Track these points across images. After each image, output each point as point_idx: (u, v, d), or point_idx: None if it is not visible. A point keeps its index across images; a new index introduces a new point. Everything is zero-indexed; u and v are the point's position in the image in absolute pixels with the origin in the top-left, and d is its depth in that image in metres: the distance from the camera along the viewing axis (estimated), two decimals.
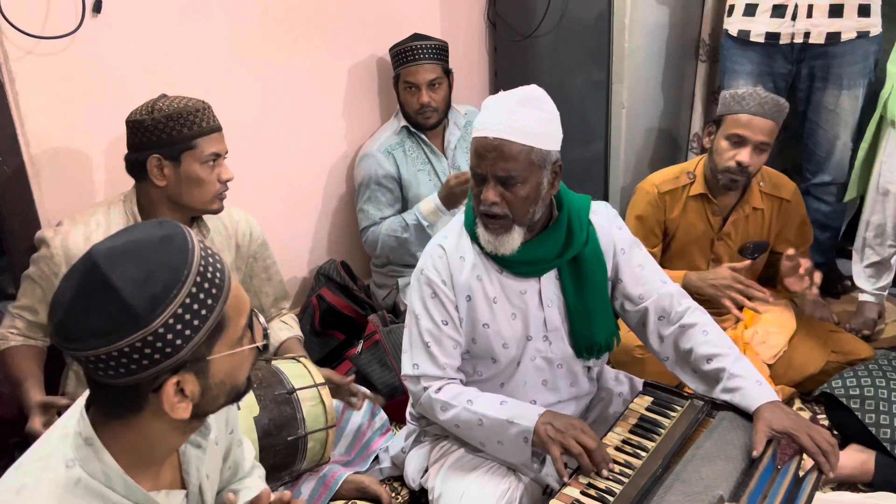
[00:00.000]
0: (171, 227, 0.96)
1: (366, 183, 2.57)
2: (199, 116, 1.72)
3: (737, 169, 2.10)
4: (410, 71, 2.53)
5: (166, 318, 0.89)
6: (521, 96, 1.54)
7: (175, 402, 0.94)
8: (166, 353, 0.91)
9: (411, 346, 1.66)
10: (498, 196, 1.53)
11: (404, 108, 2.58)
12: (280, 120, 2.52)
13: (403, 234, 2.49)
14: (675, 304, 1.69)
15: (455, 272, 1.63)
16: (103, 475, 0.97)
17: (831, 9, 2.43)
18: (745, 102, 2.08)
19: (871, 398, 1.92)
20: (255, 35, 2.39)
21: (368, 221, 2.59)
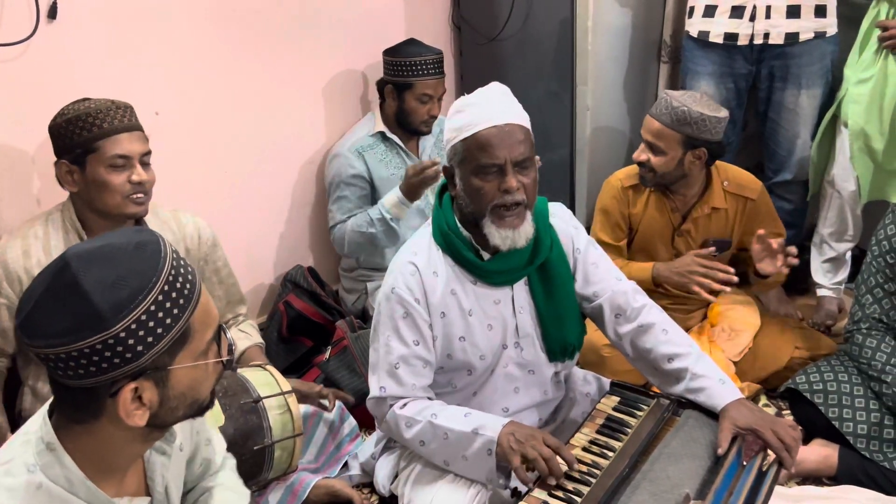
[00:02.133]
0: (147, 234, 0.98)
1: (335, 182, 2.56)
2: (101, 118, 1.66)
3: (638, 163, 2.22)
4: (430, 84, 2.54)
5: (129, 322, 0.90)
6: (499, 89, 1.58)
7: (131, 409, 0.94)
8: (126, 357, 0.91)
9: (379, 368, 1.63)
10: (518, 182, 1.53)
11: (409, 116, 2.56)
12: (246, 123, 2.50)
13: (369, 229, 2.48)
14: (630, 300, 1.70)
15: (429, 290, 1.60)
16: (65, 480, 0.97)
17: (789, 10, 2.47)
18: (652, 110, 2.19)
19: (834, 393, 1.95)
20: (218, 40, 2.36)
21: (335, 220, 2.58)
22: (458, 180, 1.59)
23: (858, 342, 1.92)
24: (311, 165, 2.77)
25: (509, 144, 1.51)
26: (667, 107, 2.12)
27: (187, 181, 2.33)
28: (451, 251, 1.63)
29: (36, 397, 1.80)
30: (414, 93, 2.54)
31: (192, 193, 2.33)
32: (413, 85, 2.53)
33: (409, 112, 2.56)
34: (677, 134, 2.12)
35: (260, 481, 1.79)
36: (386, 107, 2.61)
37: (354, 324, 2.36)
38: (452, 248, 1.62)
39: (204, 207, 2.25)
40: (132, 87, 2.14)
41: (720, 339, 2.34)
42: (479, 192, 1.54)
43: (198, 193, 2.36)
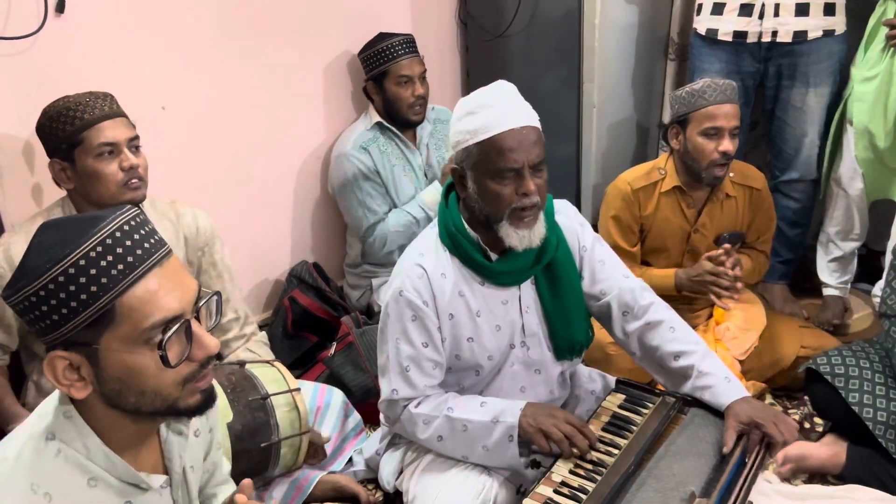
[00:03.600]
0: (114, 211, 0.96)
1: (351, 182, 2.54)
2: (81, 109, 1.65)
3: (722, 159, 2.15)
4: (403, 65, 2.52)
5: (38, 287, 0.90)
6: (508, 88, 1.56)
7: (66, 376, 0.94)
8: (47, 324, 0.92)
9: (389, 371, 1.63)
10: (535, 185, 1.53)
11: (395, 104, 2.54)
12: (249, 120, 2.50)
13: (412, 227, 2.50)
14: (637, 298, 1.70)
15: (437, 292, 1.60)
16: (83, 447, 0.98)
17: (798, 8, 2.46)
18: (707, 95, 2.14)
19: (855, 378, 1.92)
20: (224, 35, 2.36)
21: (375, 217, 2.55)
22: (470, 182, 1.57)
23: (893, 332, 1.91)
24: (316, 160, 2.77)
25: (527, 147, 1.50)
26: (731, 88, 2.15)
27: (193, 176, 2.33)
28: (459, 252, 1.62)
29: (39, 392, 1.81)
30: (391, 78, 2.52)
31: (198, 188, 2.33)
32: (388, 71, 2.52)
33: (394, 99, 2.54)
34: (739, 110, 2.16)
35: (266, 477, 1.80)
36: (375, 105, 2.61)
37: (360, 319, 2.36)
38: (460, 249, 1.62)
39: (209, 202, 2.25)
40: (138, 81, 2.15)
41: (726, 337, 2.34)
42: (498, 196, 1.53)
43: (203, 188, 2.36)
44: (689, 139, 2.18)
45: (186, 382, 0.98)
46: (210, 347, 0.99)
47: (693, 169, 2.20)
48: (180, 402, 0.99)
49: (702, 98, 2.14)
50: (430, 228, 1.69)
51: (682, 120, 2.19)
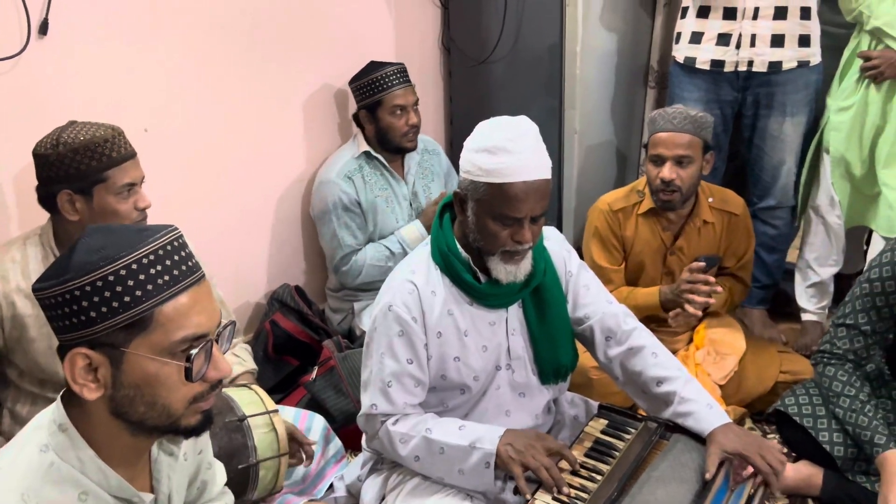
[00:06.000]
0: (165, 227, 1.02)
1: (332, 210, 2.54)
2: (108, 147, 1.64)
3: (662, 186, 2.19)
4: (397, 95, 2.53)
5: (85, 283, 0.94)
6: (533, 133, 1.54)
7: (81, 378, 0.96)
8: (81, 320, 0.95)
9: (371, 385, 1.63)
10: (531, 233, 1.55)
11: (388, 133, 2.55)
12: (233, 143, 2.50)
13: (388, 262, 2.49)
14: (620, 323, 1.72)
15: (427, 309, 1.60)
16: (77, 460, 0.99)
17: (773, 39, 2.51)
18: (657, 123, 2.20)
19: (823, 417, 1.95)
20: (209, 58, 2.36)
21: (347, 249, 2.55)
22: (470, 212, 1.57)
23: (820, 370, 1.94)
24: (300, 184, 2.77)
25: (534, 201, 1.51)
26: (685, 117, 2.17)
27: (175, 198, 2.32)
28: (450, 272, 1.63)
29: (14, 420, 1.77)
30: (385, 107, 2.53)
31: (180, 211, 2.31)
32: (382, 100, 2.53)
33: (388, 129, 2.55)
34: (700, 140, 2.19)
35: (244, 501, 1.77)
36: (366, 132, 2.61)
37: (342, 343, 2.35)
38: (451, 269, 1.62)
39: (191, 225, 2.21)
40: (122, 103, 2.14)
41: (706, 362, 2.35)
42: (495, 237, 1.55)
43: (185, 211, 2.35)
44: (647, 163, 2.24)
45: (194, 401, 1.02)
46: (224, 370, 1.04)
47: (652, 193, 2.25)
48: (182, 420, 1.02)
49: (653, 125, 2.21)
50: (423, 246, 1.70)
51: (647, 145, 2.27)
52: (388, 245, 2.52)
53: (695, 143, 2.19)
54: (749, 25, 2.50)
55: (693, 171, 2.20)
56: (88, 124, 1.67)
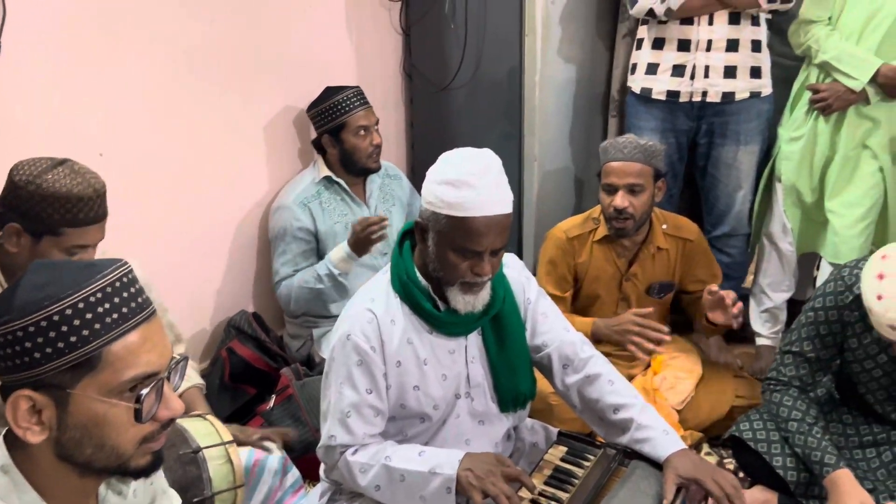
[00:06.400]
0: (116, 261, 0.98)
1: (280, 236, 2.53)
2: (79, 207, 1.57)
3: (614, 214, 2.23)
4: (360, 116, 2.54)
5: (28, 324, 0.90)
6: (496, 168, 1.55)
7: (24, 421, 0.92)
8: (25, 361, 0.91)
9: (330, 416, 1.61)
10: (491, 266, 1.55)
11: (354, 155, 2.55)
12: (192, 168, 2.47)
13: (317, 285, 2.46)
14: (577, 351, 1.73)
15: (386, 338, 1.59)
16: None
17: (726, 70, 2.58)
18: (608, 153, 2.24)
19: (777, 442, 1.98)
20: (168, 82, 2.34)
21: (281, 276, 2.54)
22: (431, 242, 1.57)
23: (768, 397, 1.98)
24: (258, 209, 2.74)
25: (494, 235, 1.52)
26: (635, 146, 2.21)
27: (131, 224, 2.27)
28: (409, 300, 1.62)
29: None
30: (350, 129, 2.54)
31: (136, 236, 2.28)
32: (346, 123, 2.54)
33: (353, 150, 2.55)
34: (650, 168, 2.23)
35: None
36: (329, 157, 2.60)
37: (300, 371, 2.32)
38: (411, 297, 1.62)
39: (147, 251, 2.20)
40: (77, 127, 2.11)
41: (663, 387, 2.38)
42: (455, 268, 1.55)
43: (141, 236, 2.31)
44: (600, 192, 2.28)
45: (145, 441, 0.99)
46: (176, 409, 1.01)
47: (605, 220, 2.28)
48: (132, 461, 0.99)
49: (605, 155, 2.26)
50: (383, 274, 1.69)
51: (599, 173, 2.30)
52: (316, 268, 2.50)
53: (645, 172, 2.22)
54: (703, 57, 2.56)
55: (645, 198, 2.24)
56: (75, 174, 1.59)
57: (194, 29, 2.38)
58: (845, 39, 2.39)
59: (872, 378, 1.83)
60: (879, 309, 1.54)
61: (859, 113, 2.42)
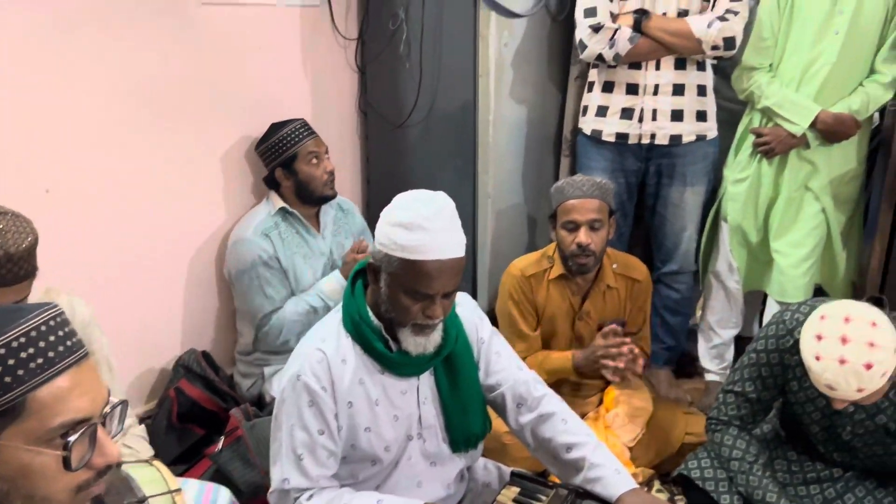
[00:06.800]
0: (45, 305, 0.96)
1: (249, 269, 2.49)
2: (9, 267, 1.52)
3: (579, 251, 2.26)
4: (309, 144, 2.55)
5: None
6: (450, 211, 1.55)
7: None
8: None
9: (281, 459, 1.57)
10: (443, 309, 1.55)
11: (309, 184, 2.55)
12: (141, 202, 2.43)
13: (310, 316, 2.45)
14: (531, 390, 1.74)
15: (337, 378, 1.57)
16: None
17: (673, 114, 2.65)
18: (566, 191, 2.28)
19: (724, 480, 2.01)
20: (117, 116, 2.31)
21: (273, 305, 2.49)
22: (383, 283, 1.57)
23: (710, 437, 2.01)
24: (210, 246, 2.71)
25: (447, 279, 1.53)
26: (592, 184, 2.27)
27: (77, 260, 2.23)
28: (361, 340, 1.61)
29: None
30: (302, 159, 2.54)
31: (82, 273, 2.23)
32: (297, 153, 2.54)
33: (308, 179, 2.55)
34: (606, 205, 2.28)
35: None
36: (283, 190, 2.60)
37: (249, 412, 2.28)
38: (362, 337, 1.61)
39: (94, 288, 2.15)
40: (23, 162, 2.06)
41: (615, 424, 2.40)
42: (406, 310, 1.55)
43: (88, 273, 2.26)
44: (557, 232, 2.31)
45: (80, 490, 0.95)
46: (111, 456, 0.97)
47: (563, 258, 2.32)
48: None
49: (562, 194, 2.29)
50: (334, 314, 1.68)
51: (553, 214, 2.33)
52: (308, 300, 2.48)
53: (603, 208, 2.28)
54: (651, 101, 2.63)
55: (603, 234, 2.29)
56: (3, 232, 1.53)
57: (146, 63, 2.36)
58: (785, 86, 2.49)
59: (813, 420, 1.87)
60: (818, 369, 1.57)
61: (800, 156, 2.52)
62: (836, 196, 2.53)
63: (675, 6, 2.57)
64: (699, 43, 2.54)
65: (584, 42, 2.58)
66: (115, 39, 2.27)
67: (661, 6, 2.56)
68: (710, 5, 2.58)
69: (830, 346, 1.55)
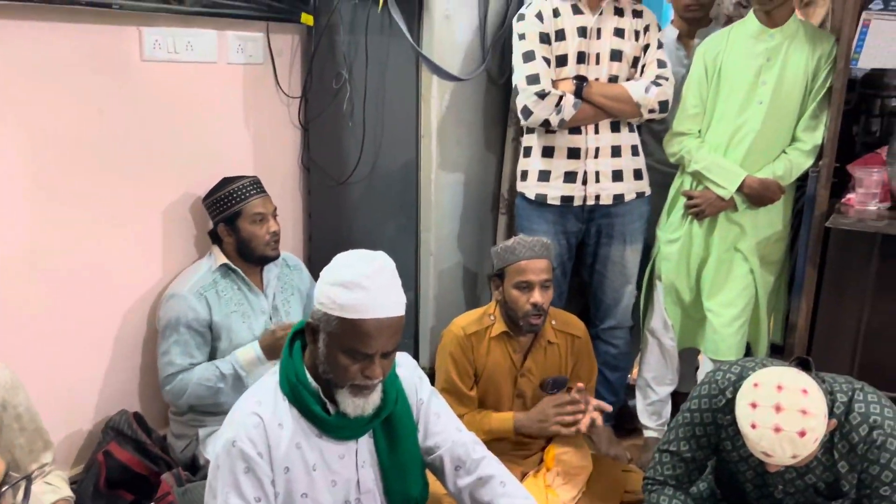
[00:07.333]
0: None
1: (173, 325, 2.44)
2: None
3: (534, 311, 2.29)
4: (256, 203, 2.52)
5: None
6: (390, 271, 1.57)
7: None
8: None
9: None
10: (381, 369, 1.54)
11: (250, 243, 2.51)
12: (72, 259, 2.37)
13: (218, 383, 2.38)
14: (470, 452, 1.74)
15: (273, 444, 1.55)
16: None
17: (613, 174, 2.72)
18: (518, 251, 2.31)
19: None
20: (51, 172, 2.27)
21: (175, 368, 2.43)
22: (321, 344, 1.56)
23: (646, 497, 2.04)
24: (145, 302, 2.64)
25: (386, 338, 1.53)
26: (542, 245, 2.33)
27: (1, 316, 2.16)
28: (298, 404, 1.59)
29: None
30: (246, 217, 2.51)
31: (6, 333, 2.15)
32: (241, 211, 2.52)
33: (250, 238, 2.52)
34: (552, 264, 2.33)
35: None
36: (225, 246, 2.57)
37: (182, 476, 2.20)
38: (300, 400, 1.59)
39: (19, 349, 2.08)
40: None
41: (556, 483, 2.40)
42: (345, 370, 1.54)
43: (13, 333, 2.18)
44: (506, 291, 2.34)
45: None
46: None
47: (512, 318, 2.34)
48: None
49: (513, 254, 2.32)
50: (271, 376, 1.65)
51: (500, 273, 2.35)
52: (219, 365, 2.42)
53: (550, 267, 2.34)
54: (592, 164, 2.70)
55: (551, 293, 2.34)
56: None
57: (83, 118, 2.33)
58: (714, 151, 2.60)
59: (746, 479, 1.91)
60: (754, 437, 1.61)
61: (729, 219, 2.62)
62: (763, 257, 2.63)
63: (605, 73, 2.68)
64: (638, 107, 2.65)
65: (530, 108, 2.62)
66: (48, 94, 2.24)
67: (594, 73, 2.67)
68: (636, 72, 2.70)
69: (765, 415, 1.60)
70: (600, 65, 2.67)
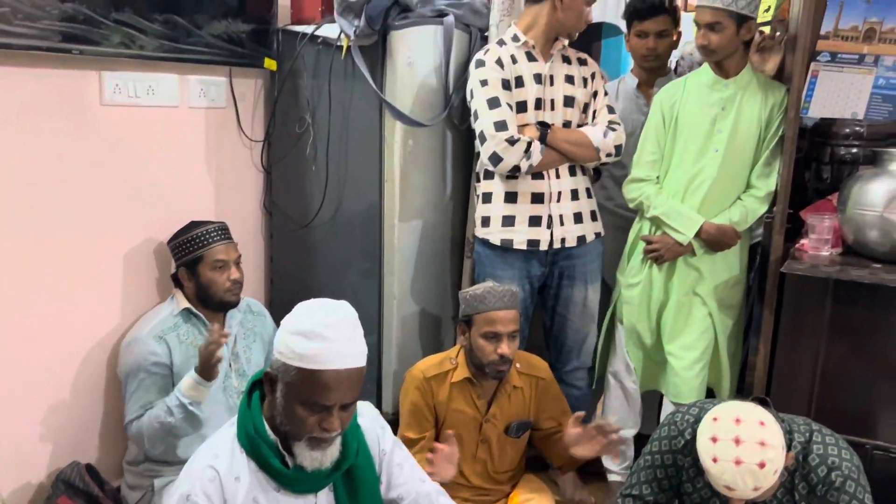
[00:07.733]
0: None
1: (133, 372, 2.38)
2: None
3: (500, 361, 2.29)
4: (218, 250, 2.49)
5: None
6: (352, 322, 1.55)
7: None
8: None
9: None
10: (340, 421, 1.52)
11: (209, 289, 2.48)
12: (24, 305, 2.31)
13: (168, 418, 2.32)
14: (434, 503, 1.72)
15: (229, 498, 1.51)
16: None
17: (575, 217, 2.76)
18: (487, 301, 2.32)
19: None
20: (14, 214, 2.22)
21: (135, 414, 2.37)
22: (279, 394, 1.54)
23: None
24: (100, 348, 2.58)
25: (345, 390, 1.52)
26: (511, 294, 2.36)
27: None
28: (256, 456, 1.56)
29: None
30: (206, 263, 2.49)
31: None
32: (203, 256, 2.49)
33: (209, 284, 2.49)
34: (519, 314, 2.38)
35: None
36: (186, 291, 2.53)
37: None
38: (257, 452, 1.56)
39: None
40: None
41: None
42: (302, 422, 1.52)
43: None
44: (473, 339, 2.34)
45: None
46: None
47: (478, 365, 2.34)
48: None
49: (482, 303, 2.32)
50: (229, 427, 1.62)
51: (467, 319, 2.35)
52: (166, 400, 2.35)
53: (518, 317, 2.35)
54: (556, 207, 2.72)
55: (517, 341, 2.35)
56: None
57: (41, 162, 2.30)
58: (672, 197, 2.66)
59: None
60: (715, 472, 1.63)
61: (687, 263, 2.66)
62: (721, 301, 2.67)
63: (560, 118, 2.73)
64: (597, 151, 2.70)
65: (500, 155, 2.60)
66: (11, 138, 2.20)
67: (550, 118, 2.71)
68: (586, 118, 2.76)
69: (725, 448, 1.62)
70: (555, 110, 2.72)
